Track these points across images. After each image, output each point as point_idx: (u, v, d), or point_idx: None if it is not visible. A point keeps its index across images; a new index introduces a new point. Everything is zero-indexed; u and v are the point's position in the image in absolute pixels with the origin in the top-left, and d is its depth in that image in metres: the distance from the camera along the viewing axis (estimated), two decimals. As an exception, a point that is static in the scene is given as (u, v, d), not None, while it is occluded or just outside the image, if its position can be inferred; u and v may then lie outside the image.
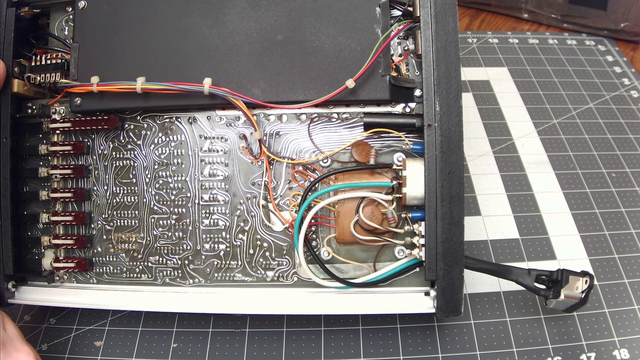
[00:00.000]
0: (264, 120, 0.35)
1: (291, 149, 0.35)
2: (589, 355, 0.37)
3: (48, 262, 0.37)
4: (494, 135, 0.51)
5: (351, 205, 0.34)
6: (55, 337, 0.39)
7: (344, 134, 0.35)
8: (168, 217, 0.36)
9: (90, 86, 0.34)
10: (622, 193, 0.47)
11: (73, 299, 0.37)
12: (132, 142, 0.36)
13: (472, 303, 0.40)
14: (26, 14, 0.36)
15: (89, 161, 0.37)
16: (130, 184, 0.36)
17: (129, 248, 0.37)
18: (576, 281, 0.33)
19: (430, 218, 0.32)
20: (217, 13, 0.34)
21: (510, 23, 0.66)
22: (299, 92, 0.33)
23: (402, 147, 0.35)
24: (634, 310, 0.39)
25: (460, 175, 0.31)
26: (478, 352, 0.37)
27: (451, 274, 0.31)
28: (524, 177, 0.48)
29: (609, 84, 0.56)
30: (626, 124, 0.52)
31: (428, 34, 0.32)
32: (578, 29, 0.63)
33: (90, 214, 0.37)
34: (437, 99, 0.32)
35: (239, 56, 0.34)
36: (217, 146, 0.36)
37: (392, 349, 0.37)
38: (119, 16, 0.35)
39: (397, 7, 0.34)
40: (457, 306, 0.32)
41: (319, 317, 0.39)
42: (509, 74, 0.57)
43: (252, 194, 0.35)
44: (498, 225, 0.45)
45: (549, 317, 0.39)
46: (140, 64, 0.34)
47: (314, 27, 0.34)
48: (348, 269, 0.35)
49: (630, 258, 0.42)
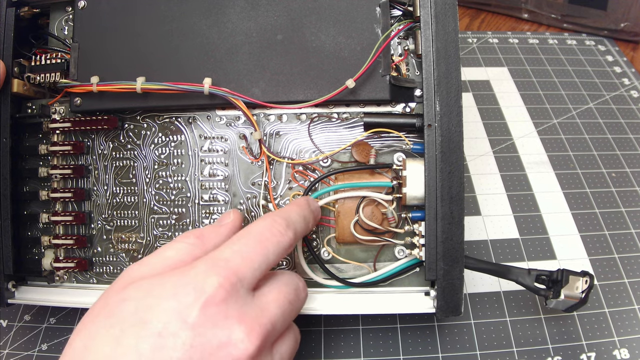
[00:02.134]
0: (264, 120, 0.35)
1: (291, 149, 0.35)
2: (589, 355, 0.37)
3: (48, 262, 0.37)
4: (494, 135, 0.51)
5: (351, 205, 0.34)
6: (55, 337, 0.39)
7: (344, 133, 0.35)
8: (168, 217, 0.36)
9: (90, 86, 0.34)
10: (622, 193, 0.47)
11: (73, 299, 0.36)
12: (132, 142, 0.36)
13: (472, 303, 0.40)
14: (26, 13, 0.36)
15: (88, 161, 0.37)
16: (130, 184, 0.36)
17: (129, 248, 0.37)
18: (576, 281, 0.33)
19: (430, 218, 0.32)
20: (217, 13, 0.34)
21: (510, 23, 0.66)
22: (299, 92, 0.33)
23: (402, 147, 0.35)
24: (634, 310, 0.39)
25: (461, 175, 0.31)
26: (478, 352, 0.37)
27: (451, 273, 0.31)
28: (524, 177, 0.48)
29: (609, 84, 0.56)
30: (626, 124, 0.52)
31: (428, 33, 0.32)
32: (578, 29, 0.63)
33: (90, 213, 0.37)
34: (437, 99, 0.32)
35: (238, 56, 0.34)
36: (217, 146, 0.36)
37: (392, 349, 0.37)
38: (118, 16, 0.35)
39: (397, 7, 0.34)
40: (457, 306, 0.32)
41: (319, 317, 0.39)
42: (509, 74, 0.57)
43: (252, 194, 0.35)
44: (498, 225, 0.45)
45: (549, 317, 0.39)
46: (140, 63, 0.34)
47: (314, 27, 0.34)
48: (348, 269, 0.35)
49: (630, 258, 0.42)
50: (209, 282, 0.24)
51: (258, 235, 0.27)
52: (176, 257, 0.26)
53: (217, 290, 0.23)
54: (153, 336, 0.22)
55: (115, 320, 0.23)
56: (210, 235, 0.28)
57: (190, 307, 0.23)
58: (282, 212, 0.29)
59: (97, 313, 0.24)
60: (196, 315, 0.23)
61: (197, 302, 0.23)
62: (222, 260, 0.25)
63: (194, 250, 0.27)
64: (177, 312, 0.23)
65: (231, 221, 0.30)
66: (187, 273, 0.24)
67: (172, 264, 0.26)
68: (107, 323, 0.23)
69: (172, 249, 0.27)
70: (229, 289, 0.24)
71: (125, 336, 0.23)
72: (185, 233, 0.28)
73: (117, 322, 0.23)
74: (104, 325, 0.23)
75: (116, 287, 0.25)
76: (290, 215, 0.29)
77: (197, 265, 0.25)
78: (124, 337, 0.23)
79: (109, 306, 0.24)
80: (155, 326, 0.23)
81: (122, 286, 0.25)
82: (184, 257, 0.27)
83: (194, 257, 0.27)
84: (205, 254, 0.26)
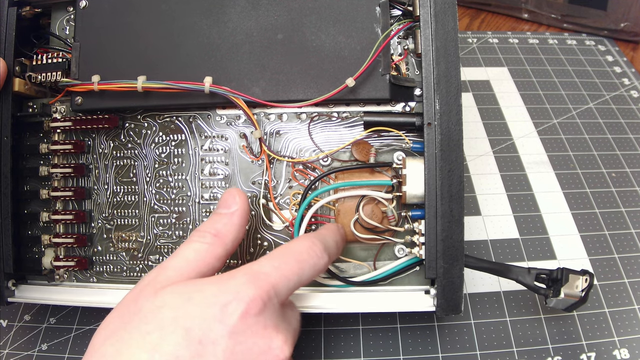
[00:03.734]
0: (264, 119, 0.35)
1: (291, 148, 0.35)
2: (589, 355, 0.37)
3: (48, 260, 0.37)
4: (494, 135, 0.51)
5: (351, 204, 0.34)
6: (55, 337, 0.39)
7: (344, 132, 0.35)
8: (168, 216, 0.36)
9: (91, 85, 0.34)
10: (622, 193, 0.47)
11: (73, 298, 0.37)
12: (133, 141, 0.37)
13: (472, 303, 0.40)
14: (27, 13, 0.37)
15: (89, 160, 0.37)
16: (130, 182, 0.37)
17: (130, 247, 0.37)
18: (576, 280, 0.33)
19: (430, 216, 0.32)
20: (218, 12, 0.34)
21: (510, 23, 0.66)
22: (299, 91, 0.33)
23: (402, 145, 0.35)
24: (634, 310, 0.39)
25: (460, 173, 0.31)
26: (478, 352, 0.37)
27: (451, 272, 0.31)
28: (524, 177, 0.48)
29: (609, 84, 0.56)
30: (626, 124, 0.52)
31: (428, 33, 0.32)
32: (578, 29, 0.63)
33: (90, 212, 0.37)
34: (437, 98, 0.32)
35: (239, 55, 0.34)
36: (218, 145, 0.36)
37: (392, 348, 0.37)
38: (119, 15, 0.35)
39: (397, 6, 0.34)
40: (457, 304, 0.32)
41: (319, 316, 0.39)
42: (509, 74, 0.57)
43: (252, 193, 0.36)
44: (498, 225, 0.45)
45: (549, 317, 0.39)
46: (141, 63, 0.34)
47: (314, 27, 0.34)
48: (348, 268, 0.35)
49: (630, 258, 0.42)
50: (249, 293, 0.24)
51: (297, 255, 0.27)
52: (198, 257, 0.27)
53: (256, 302, 0.24)
54: (193, 343, 0.23)
55: (153, 327, 0.23)
56: (226, 230, 0.28)
57: (231, 316, 0.24)
58: (319, 236, 0.30)
59: (129, 319, 0.24)
60: (236, 324, 0.24)
61: (237, 311, 0.24)
62: (263, 274, 0.26)
63: (214, 249, 0.28)
64: (218, 321, 0.23)
65: (239, 208, 0.29)
66: (226, 282, 0.25)
67: (195, 266, 0.27)
68: (144, 329, 0.23)
69: (190, 249, 0.27)
70: (267, 301, 0.25)
71: (164, 343, 0.23)
72: (199, 230, 0.28)
73: (155, 329, 0.23)
74: (139, 332, 0.23)
75: (146, 292, 0.25)
76: (326, 239, 0.30)
77: (237, 276, 0.25)
78: (162, 344, 0.23)
79: (143, 312, 0.24)
80: (195, 333, 0.23)
81: (153, 292, 0.25)
82: (205, 257, 0.27)
83: (215, 256, 0.27)
84: (225, 250, 0.28)
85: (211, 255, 0.27)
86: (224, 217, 0.29)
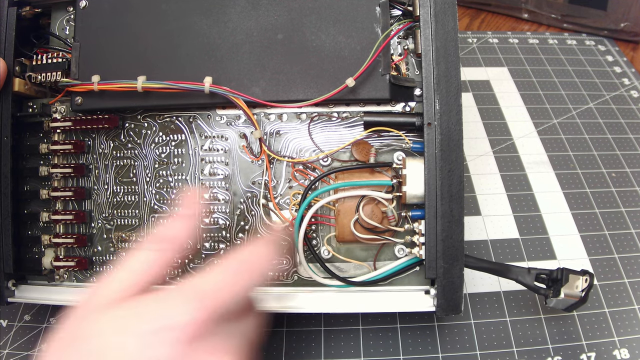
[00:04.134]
0: (264, 119, 0.35)
1: (291, 148, 0.35)
2: (589, 355, 0.37)
3: (48, 260, 0.37)
4: (494, 135, 0.51)
5: (351, 204, 0.34)
6: (56, 337, 0.39)
7: (344, 132, 0.35)
8: (168, 216, 0.36)
9: (91, 85, 0.34)
10: (622, 193, 0.47)
11: (73, 298, 0.36)
12: (133, 141, 0.37)
13: (472, 303, 0.40)
14: (27, 13, 0.37)
15: (89, 160, 0.37)
16: (130, 182, 0.37)
17: (130, 247, 0.37)
18: (576, 280, 0.33)
19: (430, 216, 0.32)
20: (218, 12, 0.34)
21: (510, 23, 0.66)
22: (299, 91, 0.33)
23: (402, 145, 0.35)
24: (634, 310, 0.39)
25: (460, 173, 0.31)
26: (478, 352, 0.37)
27: (451, 272, 0.31)
28: (524, 177, 0.48)
29: (609, 84, 0.56)
30: (626, 124, 0.52)
31: (428, 33, 0.32)
32: (578, 29, 0.63)
33: (90, 212, 0.37)
34: (437, 98, 0.32)
35: (239, 55, 0.34)
36: (218, 145, 0.36)
37: (392, 348, 0.37)
38: (119, 15, 0.35)
39: (397, 6, 0.34)
40: (457, 304, 0.32)
41: (319, 316, 0.39)
42: (509, 74, 0.57)
43: (252, 193, 0.36)
44: (498, 225, 0.45)
45: (549, 317, 0.39)
46: (140, 63, 0.34)
47: (314, 27, 0.34)
48: (348, 268, 0.35)
49: (630, 258, 0.42)
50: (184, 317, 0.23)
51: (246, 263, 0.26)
52: (144, 268, 0.26)
53: (192, 326, 0.23)
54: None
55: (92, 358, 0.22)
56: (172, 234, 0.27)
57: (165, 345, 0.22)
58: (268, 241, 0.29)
59: (68, 346, 0.23)
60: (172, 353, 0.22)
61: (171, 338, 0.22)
62: (203, 292, 0.24)
63: (165, 255, 0.26)
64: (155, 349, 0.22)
65: (188, 212, 0.29)
66: (164, 303, 0.23)
67: (140, 279, 0.25)
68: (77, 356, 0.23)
69: (136, 260, 0.26)
70: (207, 321, 0.23)
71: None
72: (147, 238, 0.27)
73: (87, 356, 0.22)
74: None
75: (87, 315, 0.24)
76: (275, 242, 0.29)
77: (175, 296, 0.24)
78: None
79: (80, 340, 0.23)
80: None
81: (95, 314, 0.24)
82: (153, 266, 0.26)
83: (165, 263, 0.26)
84: (174, 253, 0.26)
85: (159, 264, 0.26)
86: (172, 222, 0.28)
